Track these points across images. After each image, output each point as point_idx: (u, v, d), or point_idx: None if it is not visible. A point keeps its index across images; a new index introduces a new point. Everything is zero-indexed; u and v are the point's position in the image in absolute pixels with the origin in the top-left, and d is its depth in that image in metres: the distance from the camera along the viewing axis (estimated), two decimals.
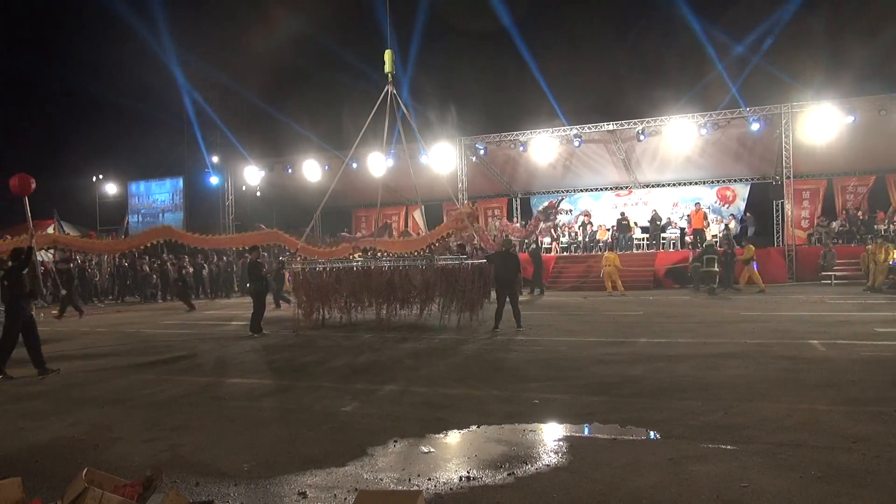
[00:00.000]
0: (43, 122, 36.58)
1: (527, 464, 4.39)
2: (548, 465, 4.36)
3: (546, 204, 22.68)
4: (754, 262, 18.63)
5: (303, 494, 3.97)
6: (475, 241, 15.35)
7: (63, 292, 17.54)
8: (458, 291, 11.90)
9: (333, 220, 30.26)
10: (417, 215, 27.90)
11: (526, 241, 21.98)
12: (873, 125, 19.86)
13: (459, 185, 24.31)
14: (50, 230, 25.23)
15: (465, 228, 14.18)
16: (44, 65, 41.85)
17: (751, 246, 19.48)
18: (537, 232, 21.69)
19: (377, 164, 23.46)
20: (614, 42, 33.28)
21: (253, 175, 27.38)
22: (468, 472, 4.24)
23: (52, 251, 21.15)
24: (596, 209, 26.82)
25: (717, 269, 17.68)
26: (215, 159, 30.61)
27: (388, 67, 13.85)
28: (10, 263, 8.64)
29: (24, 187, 10.23)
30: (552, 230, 25.57)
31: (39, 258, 23.48)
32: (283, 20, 31.37)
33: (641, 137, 21.66)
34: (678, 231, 24.03)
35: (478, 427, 5.31)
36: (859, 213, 22.38)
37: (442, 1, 27.42)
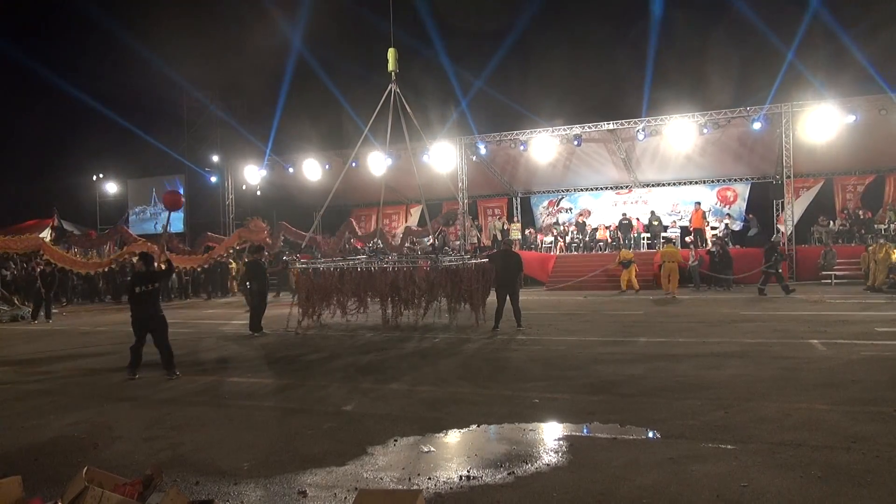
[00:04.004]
0: (43, 120, 36.55)
1: (527, 463, 4.40)
2: (548, 465, 4.37)
3: (447, 211, 22.97)
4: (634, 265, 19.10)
5: (303, 493, 3.98)
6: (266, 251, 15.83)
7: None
8: (462, 291, 11.92)
9: (333, 220, 30.22)
10: (417, 214, 27.90)
11: (418, 239, 21.92)
12: (874, 125, 19.84)
13: (460, 184, 24.27)
14: (46, 233, 25.16)
15: (263, 239, 14.78)
16: (44, 63, 41.86)
17: (625, 251, 19.84)
18: (436, 235, 22.00)
19: (378, 163, 23.42)
20: (614, 42, 33.26)
21: (253, 174, 27.34)
22: (468, 472, 4.24)
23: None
24: (596, 208, 26.81)
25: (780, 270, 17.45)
26: (215, 158, 30.60)
27: (391, 66, 13.82)
28: (146, 269, 8.22)
29: (175, 204, 10.94)
30: (552, 229, 25.61)
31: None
32: (284, 18, 31.37)
33: (641, 137, 21.64)
34: (678, 231, 24.01)
35: (478, 426, 5.31)
36: (860, 212, 22.37)
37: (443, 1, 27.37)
